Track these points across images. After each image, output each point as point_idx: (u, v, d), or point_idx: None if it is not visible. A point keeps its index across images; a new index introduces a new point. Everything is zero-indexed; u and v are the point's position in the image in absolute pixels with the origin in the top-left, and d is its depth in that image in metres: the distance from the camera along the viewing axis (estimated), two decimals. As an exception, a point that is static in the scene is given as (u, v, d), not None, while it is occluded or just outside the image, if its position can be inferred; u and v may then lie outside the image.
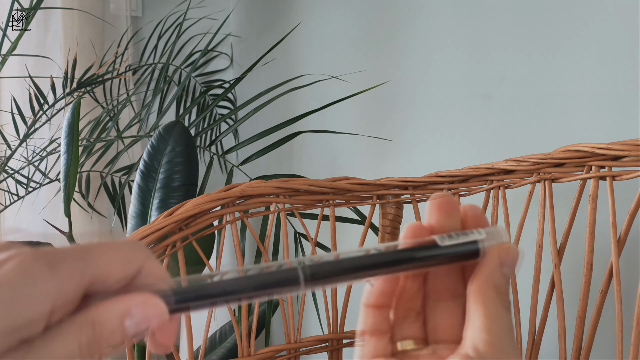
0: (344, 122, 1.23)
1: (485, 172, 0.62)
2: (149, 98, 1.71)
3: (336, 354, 0.67)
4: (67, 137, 0.92)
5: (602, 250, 0.57)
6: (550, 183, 0.57)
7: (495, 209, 0.62)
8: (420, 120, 1.00)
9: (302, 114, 0.99)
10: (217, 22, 1.84)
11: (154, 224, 0.57)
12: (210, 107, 1.13)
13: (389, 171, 1.07)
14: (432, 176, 0.65)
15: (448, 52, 0.93)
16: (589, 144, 0.53)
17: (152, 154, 0.94)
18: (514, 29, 0.81)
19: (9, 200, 1.52)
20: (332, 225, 0.66)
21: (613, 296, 0.50)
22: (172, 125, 0.96)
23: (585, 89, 0.70)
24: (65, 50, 1.60)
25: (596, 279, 0.53)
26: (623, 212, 0.52)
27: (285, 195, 0.64)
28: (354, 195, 0.66)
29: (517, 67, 0.80)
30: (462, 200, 0.65)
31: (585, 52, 0.70)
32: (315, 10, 1.37)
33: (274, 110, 1.49)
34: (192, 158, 0.93)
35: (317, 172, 1.35)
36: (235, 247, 0.63)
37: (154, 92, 1.38)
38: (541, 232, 0.57)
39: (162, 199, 0.91)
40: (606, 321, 0.55)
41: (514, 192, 0.63)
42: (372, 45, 1.14)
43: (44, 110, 1.46)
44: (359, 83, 1.15)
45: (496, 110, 0.84)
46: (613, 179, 0.52)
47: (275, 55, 1.51)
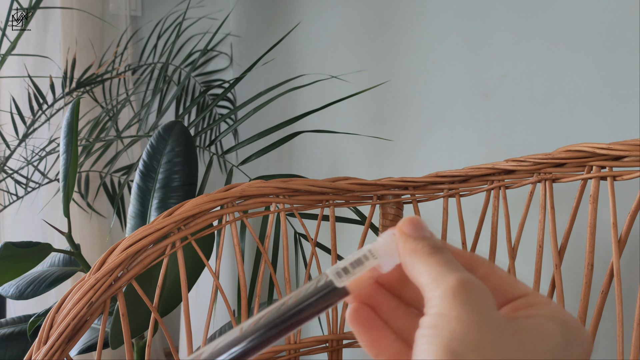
0: (344, 122, 1.22)
1: (485, 172, 0.61)
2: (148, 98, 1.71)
3: (336, 354, 0.67)
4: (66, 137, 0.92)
5: (602, 251, 0.57)
6: (551, 183, 0.57)
7: (495, 209, 0.61)
8: (420, 120, 1.00)
9: (302, 114, 0.98)
10: (217, 22, 1.84)
11: (153, 224, 0.57)
12: (210, 107, 1.12)
13: (389, 171, 1.08)
14: (433, 176, 0.65)
15: (448, 52, 0.93)
16: (589, 144, 0.53)
17: (151, 154, 0.94)
18: (514, 29, 0.80)
19: (8, 200, 1.51)
20: (332, 226, 0.66)
21: (614, 296, 0.50)
22: (171, 125, 0.96)
23: (585, 89, 0.70)
24: (65, 49, 1.60)
25: (597, 280, 0.53)
26: (624, 212, 0.52)
27: (285, 195, 0.63)
28: (354, 195, 0.66)
29: (517, 67, 0.80)
30: (463, 201, 0.64)
31: (586, 52, 0.70)
32: (315, 10, 1.37)
33: (274, 110, 1.49)
34: (192, 158, 0.93)
35: (317, 172, 1.35)
36: (235, 248, 0.63)
37: (153, 92, 1.38)
38: (542, 232, 0.57)
39: (161, 199, 0.90)
40: (607, 321, 0.55)
41: (515, 192, 0.62)
42: (372, 45, 1.14)
43: (43, 110, 1.45)
44: (359, 83, 1.15)
45: (496, 110, 0.84)
46: (614, 179, 0.52)
47: (275, 55, 1.51)
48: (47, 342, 0.51)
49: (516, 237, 0.59)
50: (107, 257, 0.55)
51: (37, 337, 0.52)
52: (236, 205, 0.61)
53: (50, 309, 0.56)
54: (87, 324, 0.53)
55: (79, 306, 0.52)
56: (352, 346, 0.67)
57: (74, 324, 0.51)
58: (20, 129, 1.53)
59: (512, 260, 0.59)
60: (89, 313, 0.52)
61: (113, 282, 0.55)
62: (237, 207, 0.61)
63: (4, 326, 1.01)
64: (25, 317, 1.05)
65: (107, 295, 0.54)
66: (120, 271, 0.55)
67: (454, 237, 0.68)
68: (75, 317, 0.51)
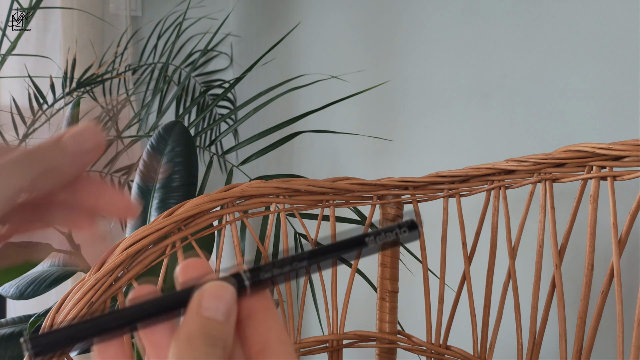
0: (344, 122, 1.22)
1: (485, 172, 0.61)
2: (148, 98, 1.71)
3: (336, 354, 0.67)
4: (67, 137, 0.91)
5: (602, 251, 0.57)
6: (551, 183, 0.57)
7: (495, 209, 0.61)
8: (420, 120, 1.00)
9: (302, 114, 0.98)
10: (217, 22, 1.84)
11: (153, 224, 0.57)
12: (210, 107, 1.12)
13: (389, 171, 1.07)
14: (433, 176, 0.65)
15: (448, 52, 0.93)
16: (589, 144, 0.53)
17: (151, 154, 0.94)
18: (514, 29, 0.80)
19: (8, 200, 1.51)
20: (332, 226, 0.66)
21: (614, 297, 0.50)
22: (171, 125, 0.96)
23: (585, 89, 0.70)
24: (65, 50, 1.60)
25: (597, 280, 0.53)
26: (624, 212, 0.52)
27: (285, 195, 0.63)
28: (354, 195, 0.66)
29: (517, 67, 0.80)
30: (463, 201, 0.64)
31: (586, 52, 0.70)
32: (315, 10, 1.37)
33: (274, 110, 1.49)
34: (192, 158, 0.93)
35: (317, 172, 1.35)
36: (235, 248, 0.63)
37: (153, 92, 1.38)
38: (542, 232, 0.57)
39: (161, 199, 0.90)
40: (607, 322, 0.55)
41: (515, 192, 0.62)
42: (372, 45, 1.14)
43: (44, 110, 1.45)
44: (359, 83, 1.15)
45: (496, 110, 0.84)
46: (614, 179, 0.52)
47: (275, 55, 1.51)
48: (47, 342, 0.51)
49: (516, 237, 0.59)
50: (108, 257, 0.55)
51: (37, 337, 0.51)
52: (236, 206, 0.61)
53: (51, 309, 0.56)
54: (87, 324, 0.53)
55: (79, 306, 0.52)
56: (352, 346, 0.67)
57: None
58: (21, 129, 1.53)
59: (512, 260, 0.59)
60: (89, 313, 0.52)
61: (113, 282, 0.55)
62: (237, 207, 0.61)
63: (4, 326, 1.01)
64: (26, 317, 1.05)
65: (107, 295, 0.54)
66: (121, 271, 0.55)
67: (454, 237, 0.68)
68: (75, 317, 0.51)
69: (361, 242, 0.25)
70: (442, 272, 0.64)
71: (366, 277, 0.91)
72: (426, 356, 0.65)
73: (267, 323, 0.23)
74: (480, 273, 0.63)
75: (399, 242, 0.25)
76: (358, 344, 0.67)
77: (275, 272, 0.24)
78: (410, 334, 0.67)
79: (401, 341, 0.67)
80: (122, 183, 1.45)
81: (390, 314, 0.68)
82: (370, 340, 0.68)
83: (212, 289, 0.23)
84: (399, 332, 0.68)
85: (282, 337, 0.23)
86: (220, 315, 0.22)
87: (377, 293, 0.69)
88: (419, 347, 0.66)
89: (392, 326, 0.68)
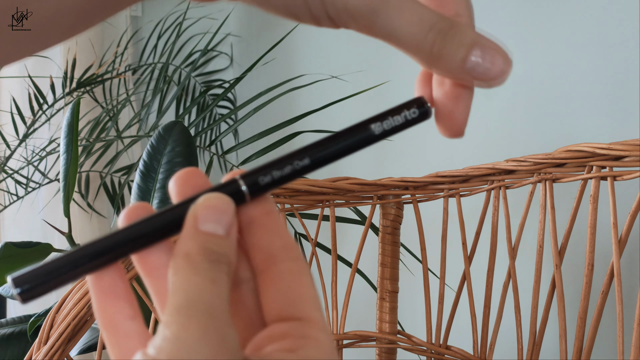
0: (344, 122, 1.22)
1: (486, 172, 0.61)
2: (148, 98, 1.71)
3: (336, 354, 0.67)
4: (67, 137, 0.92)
5: (603, 251, 0.57)
6: (551, 183, 0.57)
7: (496, 209, 0.61)
8: (420, 120, 1.00)
9: (302, 114, 0.98)
10: (217, 22, 1.84)
11: (153, 224, 0.56)
12: (210, 107, 1.12)
13: (389, 171, 1.07)
14: (433, 176, 0.65)
15: (448, 52, 0.93)
16: (589, 144, 0.53)
17: (151, 154, 0.94)
18: (514, 28, 0.80)
19: (8, 201, 1.51)
20: (332, 226, 0.66)
21: (614, 297, 0.50)
22: (171, 125, 0.96)
23: (585, 89, 0.70)
24: (65, 50, 1.60)
25: (597, 280, 0.53)
26: (624, 212, 0.52)
27: (285, 195, 0.63)
28: (354, 195, 0.66)
29: (517, 67, 0.80)
30: (463, 201, 0.64)
31: (586, 52, 0.70)
32: (315, 10, 1.36)
33: (274, 110, 1.49)
34: (192, 158, 0.93)
35: (317, 172, 1.35)
36: (235, 248, 0.63)
37: (153, 92, 1.38)
38: (542, 232, 0.57)
39: (161, 199, 0.90)
40: (607, 322, 0.55)
41: (515, 192, 0.62)
42: (372, 45, 1.14)
43: (44, 110, 1.45)
44: (359, 83, 1.15)
45: (496, 110, 0.84)
46: (614, 179, 0.52)
47: (275, 55, 1.51)
48: (47, 342, 0.51)
49: (516, 237, 0.59)
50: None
51: (38, 337, 0.52)
52: (236, 206, 0.61)
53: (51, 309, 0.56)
54: (88, 324, 0.53)
55: (79, 306, 0.52)
56: (352, 346, 0.67)
57: (74, 324, 0.51)
58: (21, 129, 1.53)
59: (512, 260, 0.59)
60: (89, 313, 0.52)
61: (113, 282, 0.55)
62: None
63: (4, 326, 1.01)
64: (26, 317, 1.05)
65: (107, 296, 0.54)
66: (121, 271, 0.55)
67: (454, 237, 0.68)
68: (75, 317, 0.51)
69: (367, 129, 0.23)
70: (442, 272, 0.64)
71: (366, 277, 0.91)
72: (426, 356, 0.65)
73: (270, 228, 0.22)
74: (480, 273, 0.63)
75: (408, 124, 0.23)
76: (358, 344, 0.67)
77: (275, 174, 0.22)
78: (411, 334, 0.67)
79: (401, 341, 0.67)
80: (122, 183, 1.45)
81: (390, 314, 0.68)
82: (370, 340, 0.68)
83: (208, 201, 0.21)
84: (399, 332, 0.68)
85: (288, 241, 0.21)
86: (220, 229, 0.20)
87: (377, 293, 0.69)
88: (419, 347, 0.66)
89: (392, 326, 0.68)
